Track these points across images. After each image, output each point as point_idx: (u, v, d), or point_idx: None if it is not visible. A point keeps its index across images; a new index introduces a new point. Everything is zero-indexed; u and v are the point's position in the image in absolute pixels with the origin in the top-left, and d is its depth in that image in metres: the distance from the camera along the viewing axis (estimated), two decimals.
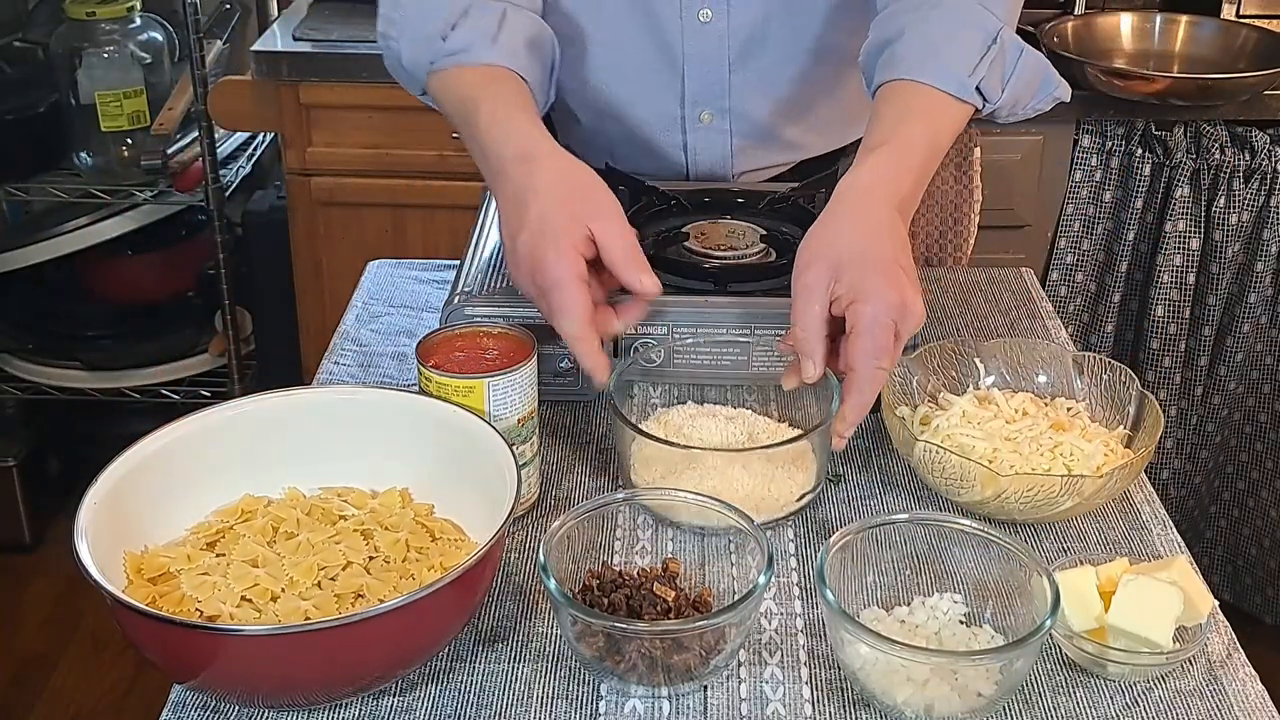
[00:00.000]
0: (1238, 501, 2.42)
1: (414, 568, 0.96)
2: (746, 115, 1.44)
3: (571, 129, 1.51)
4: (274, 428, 1.04)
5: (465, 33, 1.24)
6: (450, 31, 1.24)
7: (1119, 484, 1.05)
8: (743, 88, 1.42)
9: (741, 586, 1.00)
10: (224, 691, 0.89)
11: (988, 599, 0.96)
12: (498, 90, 1.21)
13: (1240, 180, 2.13)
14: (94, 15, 2.40)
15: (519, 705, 0.91)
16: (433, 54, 1.25)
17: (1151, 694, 0.92)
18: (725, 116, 1.43)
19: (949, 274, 1.50)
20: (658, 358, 1.18)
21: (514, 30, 1.25)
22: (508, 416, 1.04)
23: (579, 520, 0.98)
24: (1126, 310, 2.28)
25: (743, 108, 1.43)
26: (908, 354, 1.18)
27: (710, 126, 1.44)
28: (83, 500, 0.92)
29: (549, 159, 1.13)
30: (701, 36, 1.39)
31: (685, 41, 1.39)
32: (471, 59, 1.23)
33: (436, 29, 1.24)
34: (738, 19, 1.38)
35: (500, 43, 1.23)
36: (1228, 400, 2.31)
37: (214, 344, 2.65)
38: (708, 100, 1.42)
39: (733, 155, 1.46)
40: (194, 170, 2.42)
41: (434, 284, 1.45)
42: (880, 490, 1.13)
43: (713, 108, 1.43)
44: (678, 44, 1.39)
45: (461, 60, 1.24)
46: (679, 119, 1.44)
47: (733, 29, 1.38)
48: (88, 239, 2.53)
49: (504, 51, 1.23)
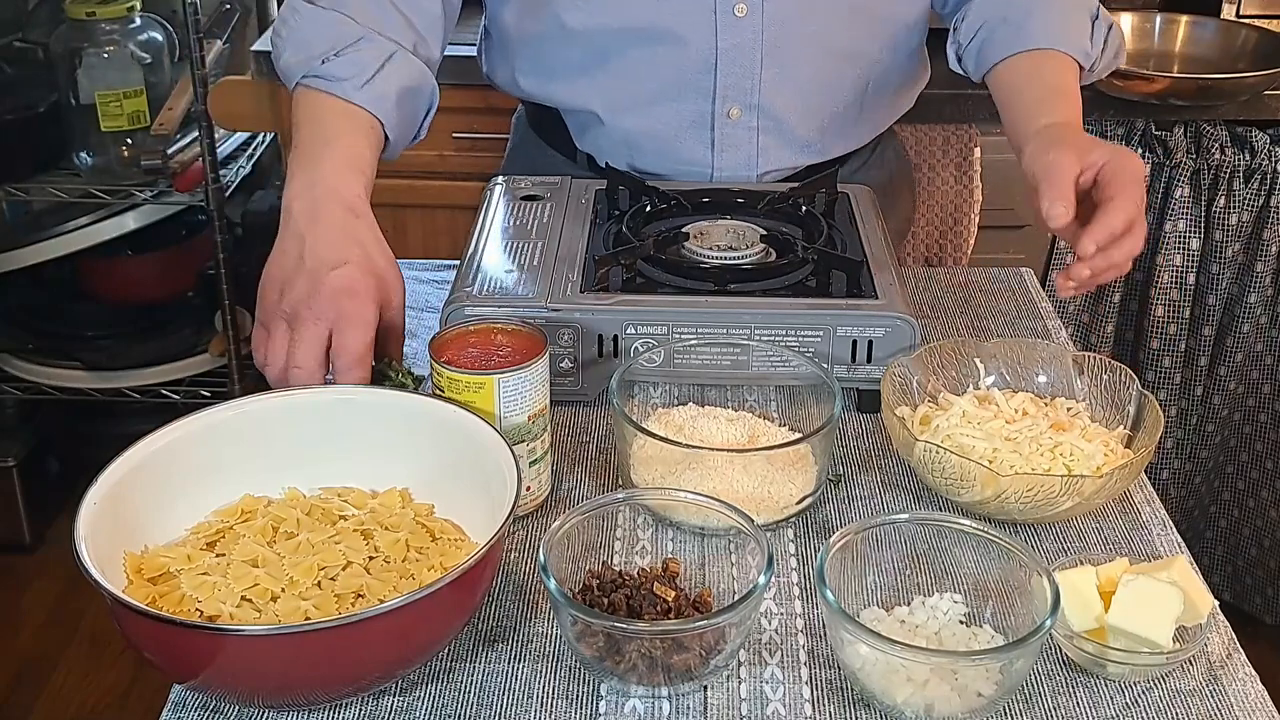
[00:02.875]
0: (1238, 501, 2.42)
1: (414, 568, 0.96)
2: (773, 112, 1.45)
3: (592, 128, 1.50)
4: (274, 428, 1.04)
5: (343, 65, 1.26)
6: (332, 57, 1.26)
7: (1119, 484, 1.05)
8: (772, 84, 1.43)
9: (741, 586, 1.00)
10: (224, 691, 0.89)
11: (988, 599, 0.96)
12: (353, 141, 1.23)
13: (1240, 180, 2.13)
14: (94, 15, 2.39)
15: (519, 705, 0.91)
16: (307, 70, 1.27)
17: (1151, 694, 0.92)
18: (753, 113, 1.45)
19: (949, 274, 1.50)
20: (658, 358, 1.18)
21: (392, 76, 1.28)
22: (519, 413, 1.04)
23: (579, 520, 0.98)
24: (1126, 310, 2.28)
25: (770, 104, 1.44)
26: (907, 354, 1.18)
27: (738, 123, 1.45)
28: (83, 500, 0.92)
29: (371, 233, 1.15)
30: (736, 29, 1.40)
31: (720, 35, 1.40)
32: (339, 92, 1.26)
33: (320, 50, 1.27)
34: (771, 13, 1.39)
35: (371, 86, 1.26)
36: (1228, 400, 2.31)
37: (214, 344, 2.65)
38: (737, 96, 1.44)
39: (758, 154, 1.47)
40: (194, 170, 2.41)
41: (434, 284, 1.45)
42: (880, 490, 1.14)
43: (741, 104, 1.44)
44: (711, 37, 1.40)
45: (330, 89, 1.26)
46: (709, 114, 1.45)
47: (766, 23, 1.40)
48: (88, 239, 2.52)
49: (371, 96, 1.26)
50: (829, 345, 1.20)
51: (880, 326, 1.20)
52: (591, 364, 1.22)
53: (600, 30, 1.42)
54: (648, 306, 1.21)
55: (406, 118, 1.31)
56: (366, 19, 1.30)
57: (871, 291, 1.23)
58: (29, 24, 2.61)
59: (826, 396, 1.10)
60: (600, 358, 1.21)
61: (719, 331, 1.20)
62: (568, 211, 1.38)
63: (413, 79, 1.31)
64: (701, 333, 1.20)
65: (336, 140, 1.22)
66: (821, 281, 1.25)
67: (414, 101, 1.32)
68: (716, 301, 1.21)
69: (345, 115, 1.25)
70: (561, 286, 1.23)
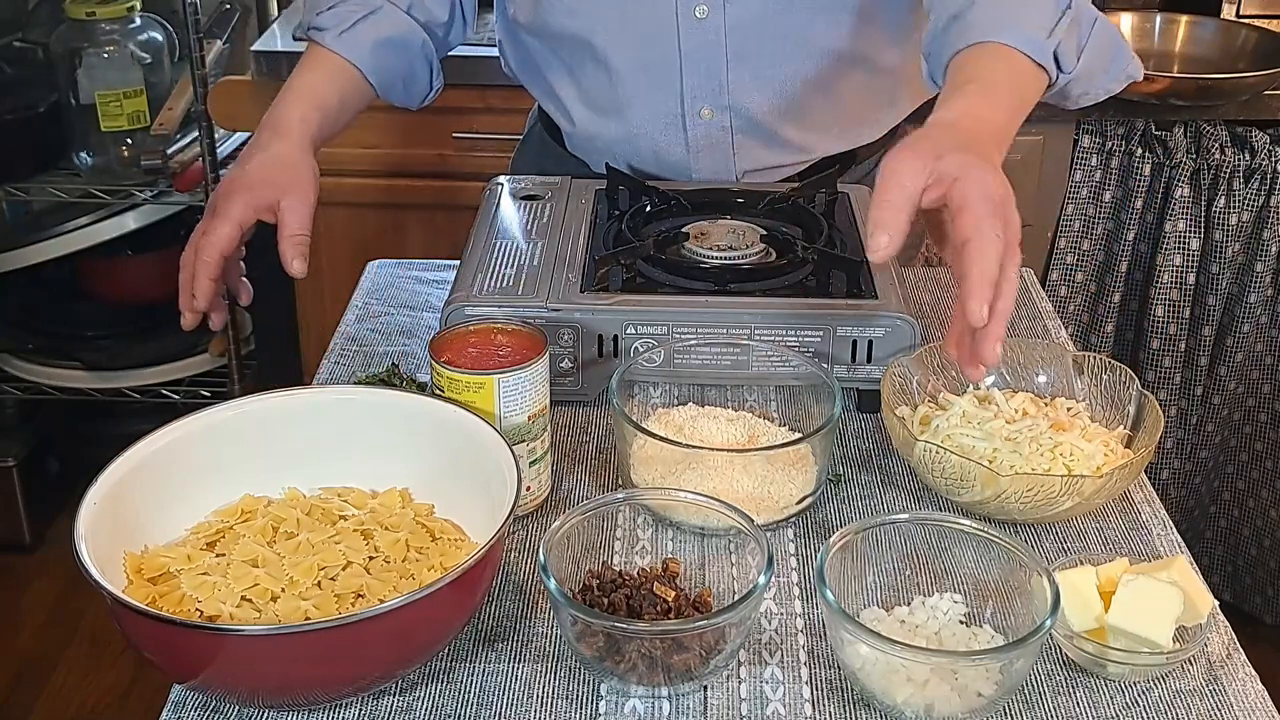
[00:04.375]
0: (1238, 501, 2.42)
1: (414, 568, 0.96)
2: (746, 113, 1.44)
3: (571, 130, 1.51)
4: (274, 428, 1.04)
5: (329, 16, 1.42)
6: (325, 11, 1.42)
7: (1119, 484, 1.05)
8: (740, 84, 1.42)
9: (741, 586, 1.00)
10: (224, 691, 0.89)
11: (988, 599, 0.96)
12: (314, 78, 1.40)
13: (1240, 180, 2.13)
14: (94, 15, 2.39)
15: (519, 705, 0.91)
16: (307, 23, 1.44)
17: (1151, 694, 0.92)
18: (725, 113, 1.44)
19: (948, 274, 1.50)
20: (658, 358, 1.18)
21: (371, 27, 1.42)
22: (519, 413, 1.04)
23: (579, 520, 0.98)
24: (1126, 310, 2.28)
25: (741, 104, 1.43)
26: (907, 354, 1.18)
27: (710, 122, 1.44)
28: (83, 500, 0.92)
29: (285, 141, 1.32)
30: (699, 31, 1.39)
31: (681, 37, 1.39)
32: (321, 40, 1.42)
33: (316, 6, 1.43)
34: (734, 15, 1.38)
35: (347, 36, 1.41)
36: (1228, 400, 2.31)
37: (214, 344, 2.65)
38: (706, 96, 1.43)
39: (734, 154, 1.46)
40: (194, 170, 2.41)
41: (434, 284, 1.45)
42: (880, 490, 1.13)
43: (711, 104, 1.43)
44: (674, 40, 1.40)
45: (316, 39, 1.42)
46: (679, 116, 1.44)
47: (729, 25, 1.39)
48: (87, 239, 2.52)
49: (347, 44, 1.41)
50: (829, 345, 1.20)
51: (880, 326, 1.20)
52: (592, 364, 1.22)
53: (572, 35, 1.43)
54: (648, 306, 1.21)
55: (388, 64, 1.44)
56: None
57: (871, 291, 1.23)
58: (29, 24, 2.60)
59: (826, 396, 1.10)
60: (600, 358, 1.21)
61: (719, 331, 1.20)
62: (568, 211, 1.38)
63: (396, 30, 1.44)
64: (701, 333, 1.20)
65: (298, 78, 1.40)
66: (821, 281, 1.25)
67: (397, 52, 1.45)
68: (716, 301, 1.21)
69: (319, 59, 1.42)
70: (562, 286, 1.23)
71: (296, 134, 1.32)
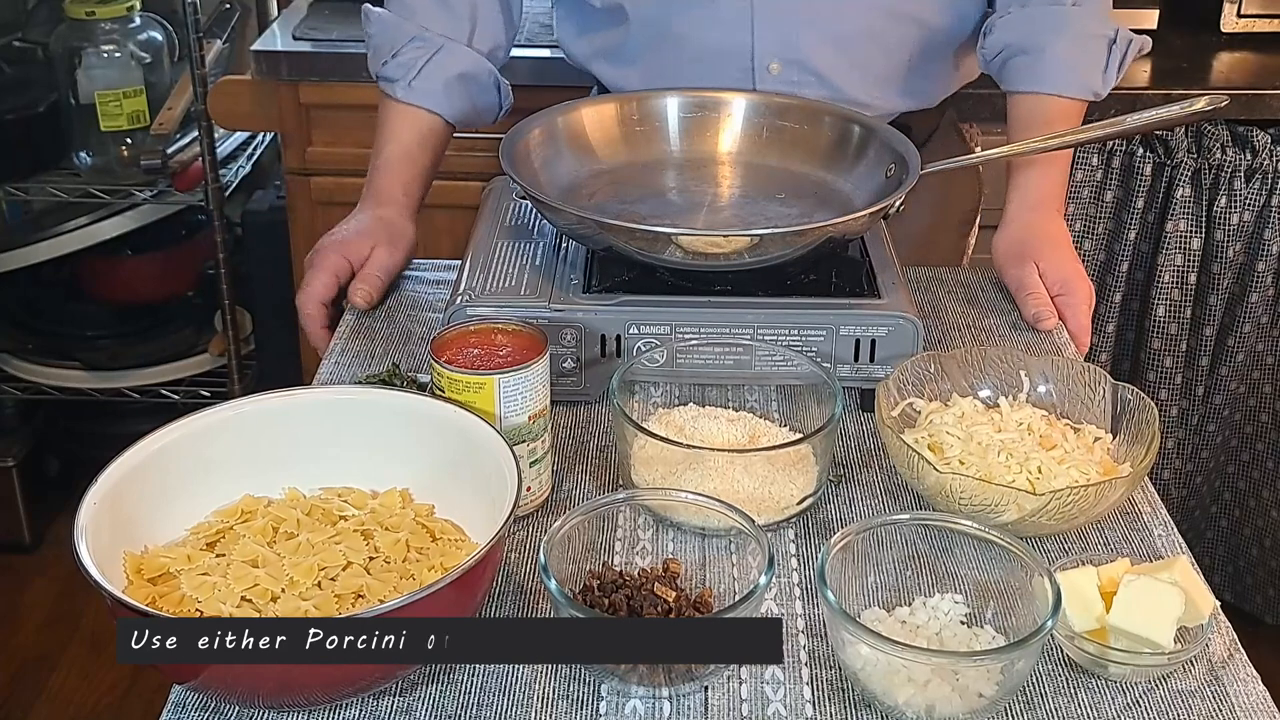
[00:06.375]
0: (1239, 502, 2.41)
1: (414, 568, 0.95)
2: (812, 67, 1.48)
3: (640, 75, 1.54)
4: (274, 428, 1.04)
5: (394, 66, 1.46)
6: (390, 60, 1.46)
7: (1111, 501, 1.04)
8: (808, 40, 1.46)
9: (742, 587, 0.99)
10: (224, 691, 0.89)
11: (989, 599, 0.96)
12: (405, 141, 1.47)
13: (1241, 180, 2.13)
14: (94, 15, 2.39)
15: (519, 705, 0.91)
16: (377, 75, 1.48)
17: (1153, 695, 0.92)
18: (793, 67, 1.48)
19: (949, 274, 1.50)
20: (660, 358, 1.18)
21: (437, 69, 1.46)
22: (519, 413, 1.04)
23: (580, 520, 0.98)
24: (1128, 310, 2.27)
25: (811, 60, 1.47)
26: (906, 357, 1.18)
27: (779, 78, 1.48)
28: (83, 500, 0.92)
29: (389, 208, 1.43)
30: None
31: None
32: (393, 93, 1.47)
33: (383, 55, 1.47)
34: None
35: (417, 84, 1.46)
36: (1229, 400, 2.31)
37: (214, 344, 2.65)
38: (778, 51, 1.47)
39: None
40: (194, 170, 2.41)
41: (434, 284, 1.45)
42: (881, 490, 1.13)
43: (781, 59, 1.47)
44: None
45: (388, 91, 1.47)
46: (749, 70, 1.48)
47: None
48: (87, 239, 2.52)
49: (419, 94, 1.46)
50: (832, 345, 1.20)
51: (883, 326, 1.20)
52: (594, 364, 1.22)
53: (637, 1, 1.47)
54: (650, 306, 1.21)
55: (461, 100, 1.49)
56: (419, 17, 1.48)
57: (874, 291, 1.23)
58: (29, 24, 2.60)
59: (828, 396, 1.10)
60: (603, 358, 1.21)
61: (722, 331, 1.20)
62: None
63: (461, 65, 1.48)
64: (704, 332, 1.20)
65: (389, 146, 1.47)
66: (824, 281, 1.25)
67: (467, 85, 1.49)
68: (719, 301, 1.21)
69: (399, 117, 1.48)
70: (563, 286, 1.23)
71: (400, 204, 1.43)
